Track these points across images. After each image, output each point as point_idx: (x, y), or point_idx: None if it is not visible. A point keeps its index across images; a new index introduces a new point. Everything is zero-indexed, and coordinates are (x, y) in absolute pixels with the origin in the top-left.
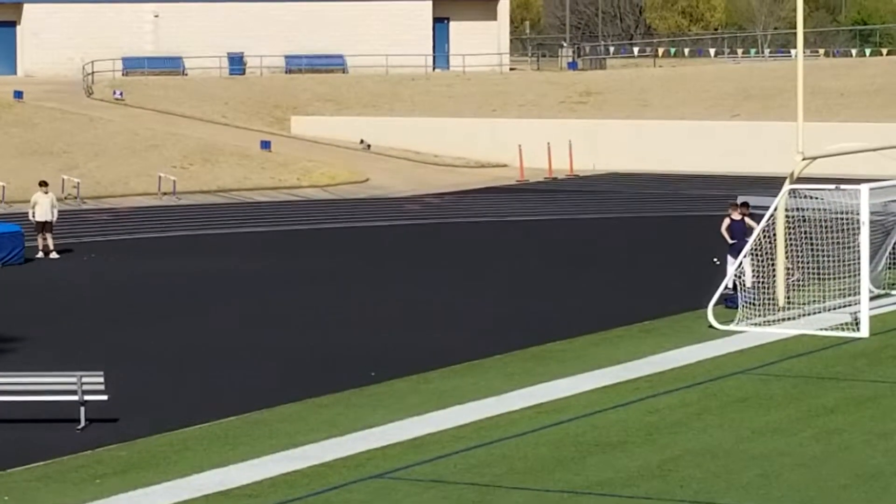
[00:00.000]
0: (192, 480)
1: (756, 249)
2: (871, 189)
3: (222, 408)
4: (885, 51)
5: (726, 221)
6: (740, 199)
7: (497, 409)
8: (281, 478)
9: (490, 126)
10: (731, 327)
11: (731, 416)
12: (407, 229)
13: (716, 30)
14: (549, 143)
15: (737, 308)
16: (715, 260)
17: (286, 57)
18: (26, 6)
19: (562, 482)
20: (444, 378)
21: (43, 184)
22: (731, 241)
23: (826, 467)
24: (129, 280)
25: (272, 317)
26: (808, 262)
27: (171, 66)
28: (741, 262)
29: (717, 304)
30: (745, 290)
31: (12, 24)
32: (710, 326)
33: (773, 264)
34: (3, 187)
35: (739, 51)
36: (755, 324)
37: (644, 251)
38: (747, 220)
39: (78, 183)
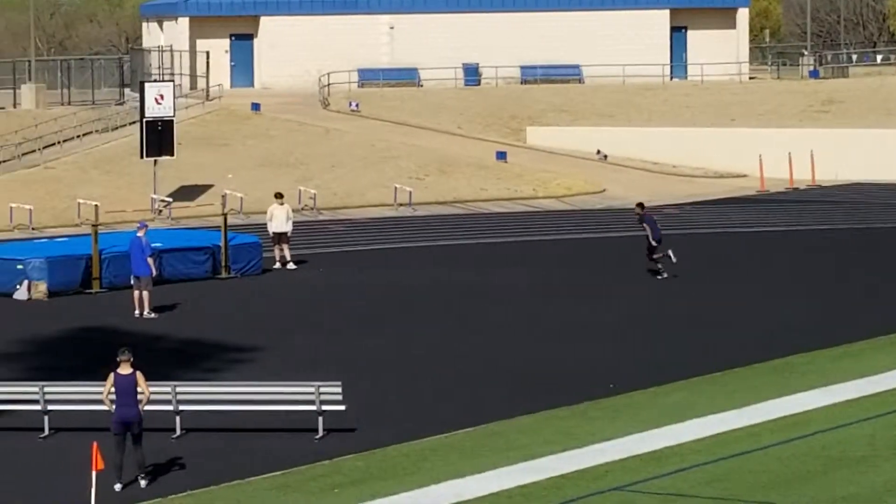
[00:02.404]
0: (429, 491)
1: None
2: None
3: (459, 419)
4: None
5: None
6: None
7: (738, 422)
8: (517, 490)
9: (729, 136)
10: None
11: None
12: (644, 240)
13: None
14: (789, 153)
15: None
16: None
17: (521, 67)
18: (263, 19)
19: (806, 497)
20: (682, 390)
21: (279, 195)
22: None
23: None
24: (366, 290)
25: (508, 327)
26: None
27: (406, 77)
28: None
29: None
30: None
31: (250, 37)
32: None
33: None
34: (241, 199)
35: None
36: None
37: (891, 262)
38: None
39: (314, 194)
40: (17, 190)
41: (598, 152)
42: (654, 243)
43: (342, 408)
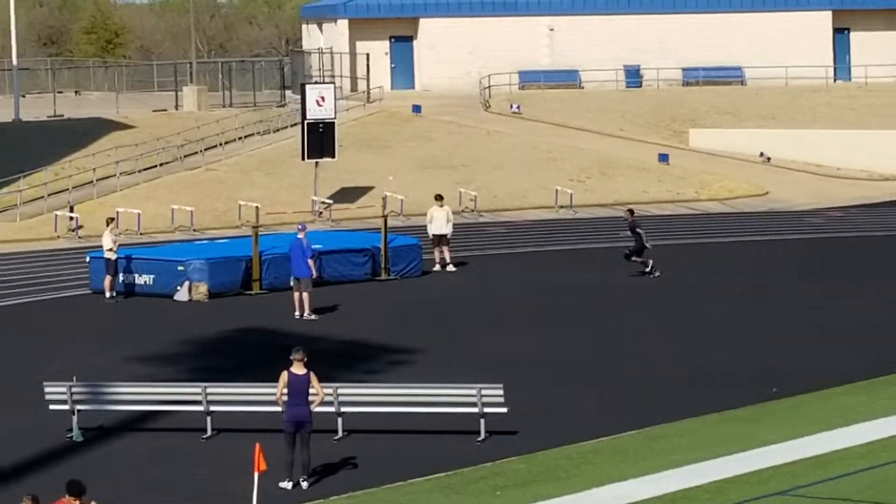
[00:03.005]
0: (591, 494)
1: None
2: None
3: (621, 422)
4: None
5: None
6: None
7: None
8: (681, 493)
9: (895, 138)
10: None
11: None
12: (808, 243)
13: None
14: None
15: None
16: None
17: (683, 69)
18: (423, 21)
19: None
20: (848, 394)
21: (438, 197)
22: None
23: None
24: (526, 293)
25: (669, 330)
26: None
27: (566, 79)
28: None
29: None
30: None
31: (409, 39)
32: None
33: None
34: (402, 201)
35: None
36: None
37: None
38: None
39: (475, 196)
40: (179, 191)
41: (762, 154)
42: (636, 251)
43: (504, 410)
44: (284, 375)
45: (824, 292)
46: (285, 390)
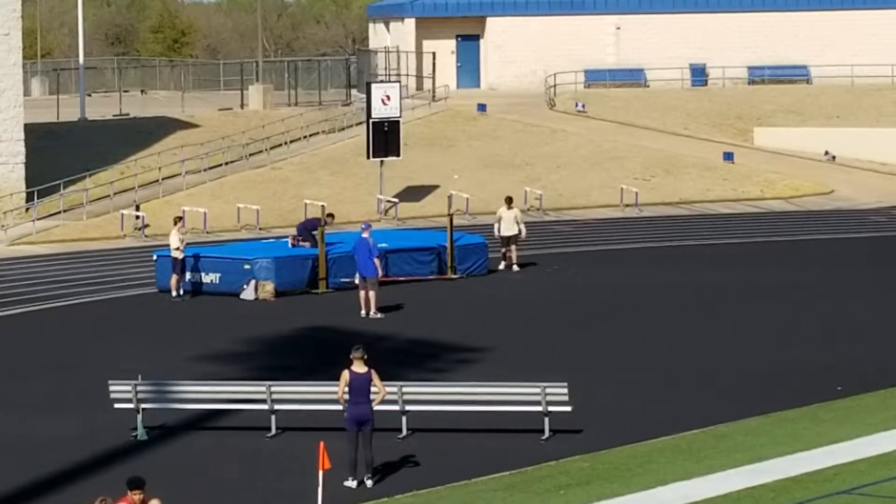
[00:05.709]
0: (655, 493)
1: None
2: None
3: (686, 420)
4: None
5: None
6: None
7: None
8: (746, 492)
9: None
10: None
11: None
12: (873, 242)
13: None
14: None
15: None
16: None
17: (749, 68)
18: (489, 20)
19: None
20: None
21: (508, 200)
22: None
23: None
24: (591, 292)
25: (733, 329)
26: None
27: (632, 77)
28: None
29: None
30: None
31: (476, 38)
32: None
33: None
34: (467, 199)
35: None
36: None
37: None
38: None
39: (540, 195)
40: (245, 190)
41: (826, 153)
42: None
43: (568, 409)
44: (346, 374)
45: (888, 291)
46: (347, 389)
